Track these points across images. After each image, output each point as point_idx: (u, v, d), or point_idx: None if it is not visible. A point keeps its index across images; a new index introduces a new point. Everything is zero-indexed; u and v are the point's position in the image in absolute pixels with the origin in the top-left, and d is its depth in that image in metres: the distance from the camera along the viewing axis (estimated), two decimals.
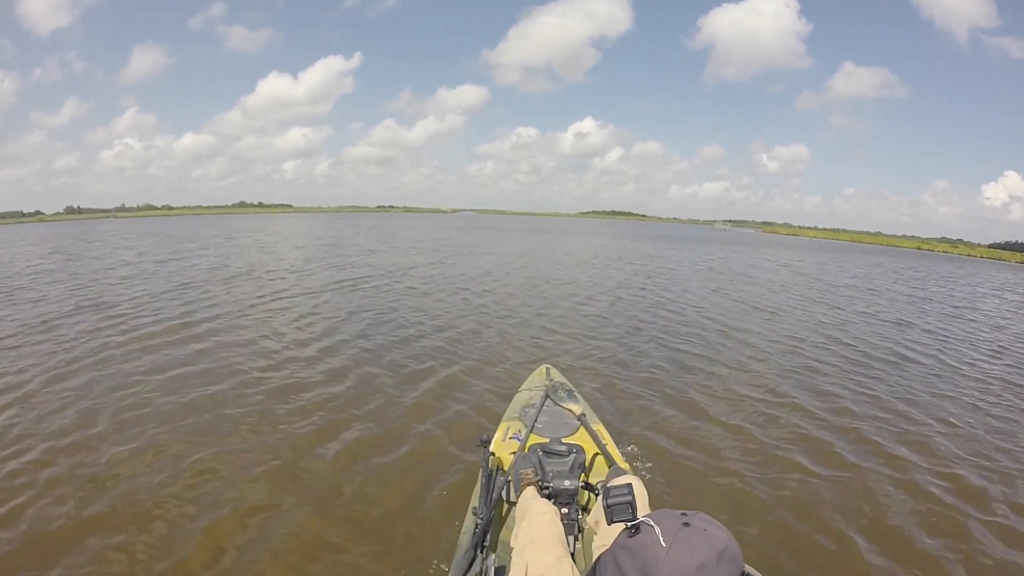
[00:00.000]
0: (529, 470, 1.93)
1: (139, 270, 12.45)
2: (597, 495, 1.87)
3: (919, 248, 67.99)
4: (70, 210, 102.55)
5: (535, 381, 3.29)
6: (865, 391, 5.18)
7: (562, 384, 3.17)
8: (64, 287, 9.93)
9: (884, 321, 9.09)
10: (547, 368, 3.50)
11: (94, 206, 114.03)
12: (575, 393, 3.09)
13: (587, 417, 2.63)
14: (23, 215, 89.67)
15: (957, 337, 8.20)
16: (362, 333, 6.67)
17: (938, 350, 7.08)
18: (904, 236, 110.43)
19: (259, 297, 8.87)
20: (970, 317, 10.62)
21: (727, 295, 11.18)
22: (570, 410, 2.72)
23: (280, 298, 8.89)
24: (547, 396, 2.87)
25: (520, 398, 3.07)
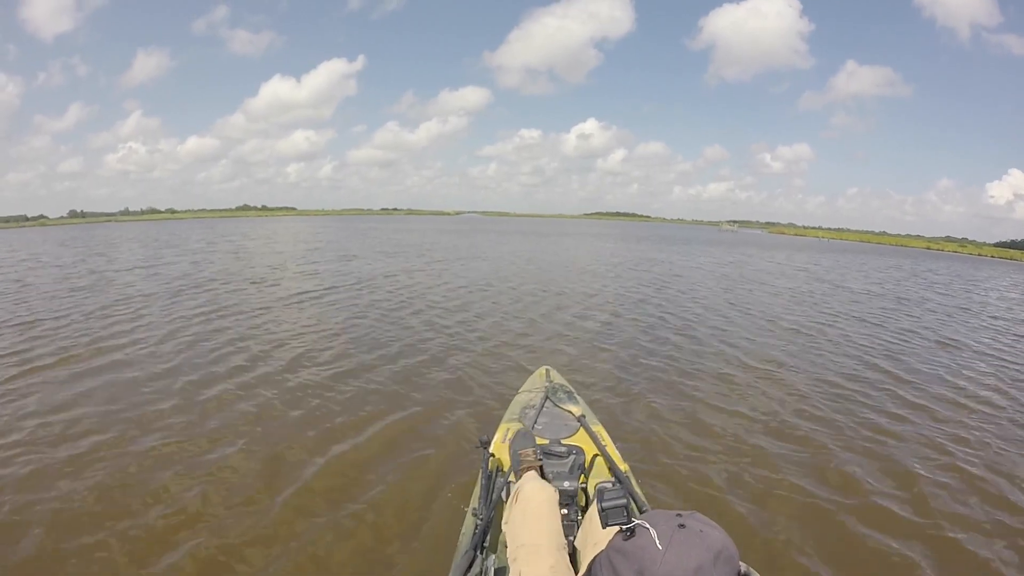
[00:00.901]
0: (529, 450, 1.90)
1: (95, 280, 11.47)
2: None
3: (928, 248, 65.96)
4: (73, 214, 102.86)
5: (535, 382, 3.25)
6: (941, 459, 3.99)
7: (562, 385, 3.13)
8: (2, 300, 8.99)
9: (929, 342, 7.80)
10: (547, 370, 3.44)
11: (98, 210, 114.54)
12: (575, 395, 3.05)
13: (587, 418, 2.60)
14: (26, 219, 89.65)
15: (1018, 362, 6.96)
16: (313, 353, 5.60)
17: (1003, 388, 5.81)
18: (909, 235, 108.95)
19: (201, 313, 7.78)
20: (1017, 332, 9.35)
21: (748, 310, 9.72)
22: (570, 411, 2.71)
23: (225, 315, 7.76)
24: (547, 397, 2.87)
25: (520, 399, 3.03)
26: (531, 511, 1.46)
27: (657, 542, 0.80)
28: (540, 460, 1.88)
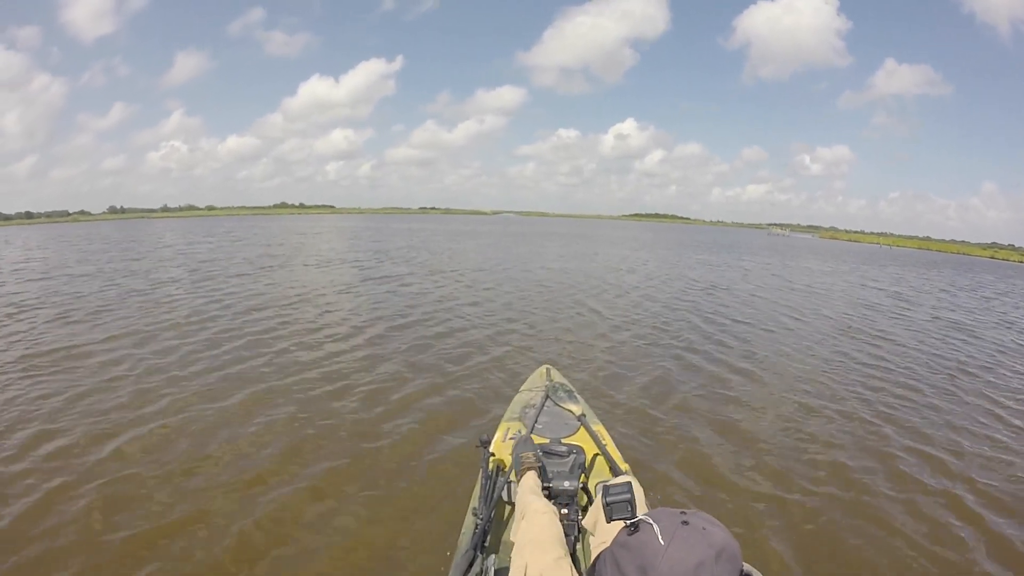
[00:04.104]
0: (530, 453, 1.87)
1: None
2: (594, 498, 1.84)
3: (992, 257, 57.93)
4: (113, 210, 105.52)
5: (535, 382, 3.14)
6: None
7: (562, 385, 3.02)
8: None
9: None
10: (547, 369, 3.29)
11: (140, 206, 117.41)
12: (575, 394, 2.94)
13: (587, 418, 2.56)
14: (68, 214, 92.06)
15: None
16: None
17: None
18: (954, 241, 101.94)
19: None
20: None
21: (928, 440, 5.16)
22: (570, 411, 2.65)
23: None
24: (547, 396, 2.81)
25: (520, 398, 2.93)
26: (536, 520, 1.45)
27: (660, 537, 0.81)
28: (540, 463, 1.84)
